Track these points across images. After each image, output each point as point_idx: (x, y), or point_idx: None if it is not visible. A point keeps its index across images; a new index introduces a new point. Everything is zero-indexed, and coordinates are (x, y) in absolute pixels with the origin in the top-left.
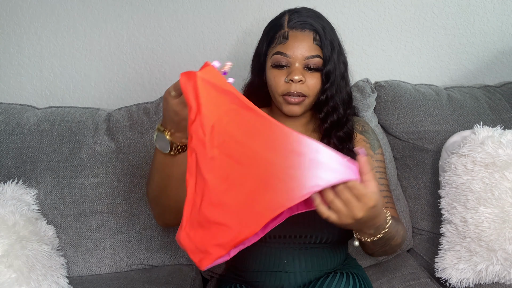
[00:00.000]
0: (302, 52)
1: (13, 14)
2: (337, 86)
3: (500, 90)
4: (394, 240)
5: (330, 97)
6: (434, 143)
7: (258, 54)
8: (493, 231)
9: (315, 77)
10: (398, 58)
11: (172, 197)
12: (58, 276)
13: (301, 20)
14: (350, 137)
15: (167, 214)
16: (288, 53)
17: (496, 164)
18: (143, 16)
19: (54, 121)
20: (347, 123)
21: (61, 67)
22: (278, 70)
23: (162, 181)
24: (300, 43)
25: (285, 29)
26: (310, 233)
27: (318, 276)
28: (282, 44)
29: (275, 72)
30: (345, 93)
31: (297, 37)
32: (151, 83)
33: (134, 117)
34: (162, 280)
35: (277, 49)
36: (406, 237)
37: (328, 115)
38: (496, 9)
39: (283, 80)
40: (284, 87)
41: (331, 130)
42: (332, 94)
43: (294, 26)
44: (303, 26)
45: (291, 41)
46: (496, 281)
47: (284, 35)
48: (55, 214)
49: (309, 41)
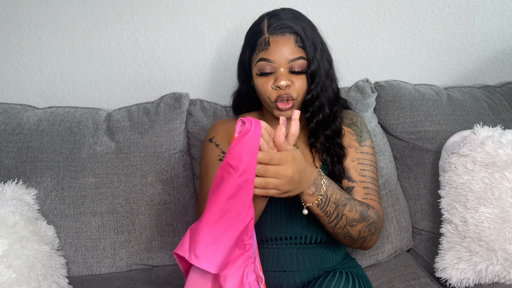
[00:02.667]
0: (285, 56)
1: (13, 14)
2: (322, 85)
3: (500, 90)
4: (347, 210)
5: (315, 96)
6: (434, 143)
7: (242, 61)
8: (493, 231)
9: (301, 79)
10: (398, 58)
11: None
12: (58, 276)
13: (280, 24)
14: (338, 134)
15: None
16: (271, 58)
17: (496, 164)
18: (143, 16)
19: (54, 121)
20: (335, 120)
21: (61, 67)
22: (265, 77)
23: None
24: (282, 47)
25: (265, 35)
26: (308, 234)
27: (317, 275)
28: (264, 51)
29: (262, 79)
30: (331, 91)
31: (278, 42)
32: (151, 83)
33: (134, 117)
34: (162, 280)
35: (260, 55)
36: (378, 222)
37: (314, 114)
38: (496, 9)
39: (271, 86)
40: (273, 94)
41: (318, 130)
42: (317, 94)
43: (273, 31)
44: (283, 30)
45: (272, 47)
46: (496, 281)
47: (265, 41)
48: (55, 214)
49: (290, 45)
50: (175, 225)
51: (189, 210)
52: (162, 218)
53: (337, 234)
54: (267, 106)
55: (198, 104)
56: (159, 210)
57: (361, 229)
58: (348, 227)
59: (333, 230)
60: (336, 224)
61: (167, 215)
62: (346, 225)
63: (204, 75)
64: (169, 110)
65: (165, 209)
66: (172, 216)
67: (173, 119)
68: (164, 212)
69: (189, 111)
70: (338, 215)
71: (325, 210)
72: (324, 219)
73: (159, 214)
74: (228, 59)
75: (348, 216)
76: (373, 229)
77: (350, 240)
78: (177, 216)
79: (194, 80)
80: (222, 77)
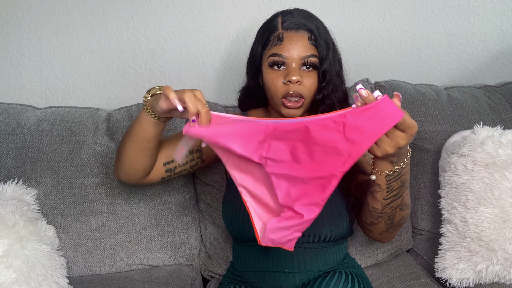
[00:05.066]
0: (298, 53)
1: (13, 14)
2: (333, 84)
3: (500, 90)
4: (406, 194)
5: (326, 96)
6: (434, 143)
7: (253, 57)
8: (493, 231)
9: (312, 77)
10: (398, 58)
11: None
12: (58, 276)
13: (295, 21)
14: None
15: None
16: (284, 54)
17: (496, 164)
18: (143, 16)
19: (54, 121)
20: None
21: (61, 67)
22: (275, 72)
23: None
24: (296, 43)
25: (279, 30)
26: (311, 232)
27: (317, 275)
28: (277, 46)
29: (273, 74)
30: (341, 92)
31: (292, 38)
32: (151, 83)
33: (134, 117)
34: (162, 280)
35: (272, 51)
36: (409, 212)
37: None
38: (496, 9)
39: (281, 82)
40: (282, 89)
41: None
42: (328, 93)
43: (288, 27)
44: (298, 26)
45: (286, 42)
46: (496, 281)
47: (279, 36)
48: (55, 214)
49: (304, 41)
50: (175, 225)
51: (189, 210)
52: (162, 218)
53: (382, 214)
54: (274, 103)
55: None
56: (159, 210)
57: (404, 215)
58: (398, 209)
59: (382, 208)
60: (390, 202)
61: (167, 215)
62: (398, 207)
63: (204, 75)
64: None
65: (165, 209)
66: (172, 216)
67: (173, 119)
68: (164, 212)
69: None
70: (398, 194)
71: (390, 184)
72: (382, 193)
73: (159, 214)
74: (228, 59)
75: (404, 199)
76: (406, 220)
77: (389, 224)
78: (177, 216)
79: (194, 80)
80: (222, 77)
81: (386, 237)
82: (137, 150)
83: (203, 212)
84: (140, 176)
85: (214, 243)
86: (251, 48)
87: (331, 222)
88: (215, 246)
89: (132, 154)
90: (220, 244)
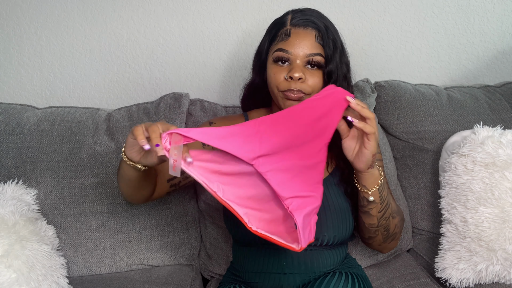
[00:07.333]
0: (303, 50)
1: (13, 14)
2: (340, 86)
3: (500, 90)
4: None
5: None
6: (434, 143)
7: (259, 52)
8: (493, 231)
9: (316, 76)
10: (398, 58)
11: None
12: (58, 276)
13: (304, 18)
14: None
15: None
16: (289, 50)
17: (496, 164)
18: (143, 16)
19: (54, 121)
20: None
21: (61, 67)
22: (279, 67)
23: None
24: (302, 40)
25: (287, 26)
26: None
27: (317, 276)
28: (284, 41)
29: (276, 68)
30: None
31: (299, 35)
32: (151, 83)
33: (134, 117)
34: (162, 280)
35: (278, 46)
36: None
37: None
38: (496, 9)
39: (283, 77)
40: (284, 84)
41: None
42: None
43: (296, 23)
44: (306, 24)
45: (293, 38)
46: (496, 281)
47: (286, 32)
48: (55, 214)
49: (311, 39)
50: (175, 225)
51: (189, 210)
52: (162, 218)
53: (379, 227)
54: (275, 97)
55: (198, 104)
56: (159, 210)
57: (397, 223)
58: (390, 218)
59: (378, 221)
60: (384, 214)
61: (167, 215)
62: (390, 216)
63: (204, 75)
64: (169, 110)
65: (165, 209)
66: (172, 216)
67: (173, 119)
68: (164, 212)
69: (189, 111)
70: (388, 203)
71: (381, 194)
72: (377, 206)
73: (159, 214)
74: (228, 59)
75: (391, 206)
76: (401, 227)
77: (386, 235)
78: (177, 216)
79: (194, 80)
80: (222, 77)
81: (386, 248)
82: (130, 187)
83: (203, 212)
84: (145, 199)
85: (214, 243)
86: (259, 44)
87: (335, 227)
88: (215, 246)
89: (128, 190)
90: (220, 244)
